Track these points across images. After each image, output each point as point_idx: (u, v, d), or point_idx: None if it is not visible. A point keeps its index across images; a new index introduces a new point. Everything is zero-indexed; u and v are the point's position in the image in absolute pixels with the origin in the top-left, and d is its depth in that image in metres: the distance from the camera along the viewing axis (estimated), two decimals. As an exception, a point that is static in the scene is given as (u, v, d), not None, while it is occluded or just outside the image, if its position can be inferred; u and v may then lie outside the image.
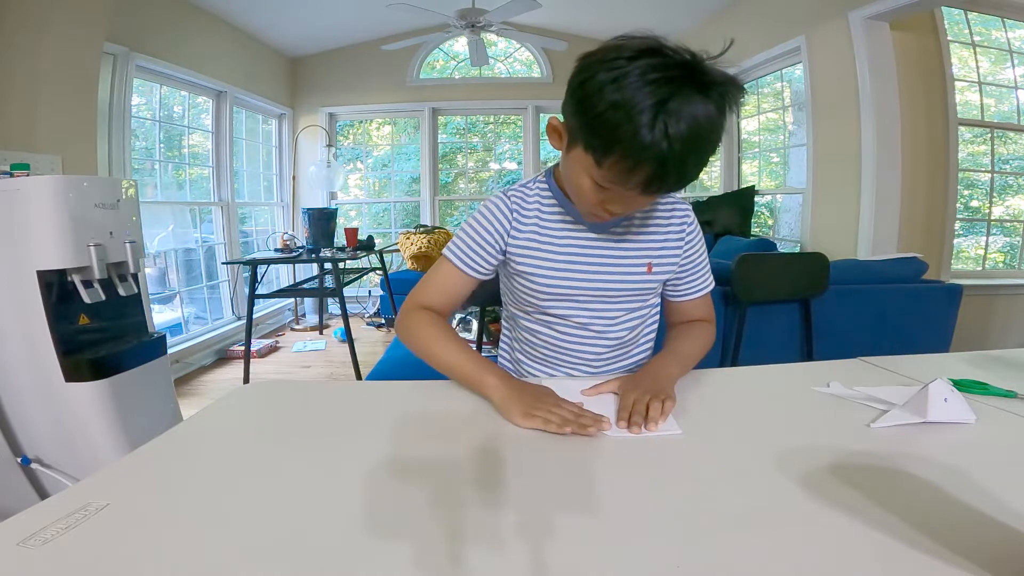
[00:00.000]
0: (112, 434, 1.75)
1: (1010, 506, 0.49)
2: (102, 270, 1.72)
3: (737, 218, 3.79)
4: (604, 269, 0.89)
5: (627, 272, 0.89)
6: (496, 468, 0.58)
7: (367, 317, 4.85)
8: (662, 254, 0.91)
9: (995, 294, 3.04)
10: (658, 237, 0.90)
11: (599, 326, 0.92)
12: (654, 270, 0.90)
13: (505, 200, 0.90)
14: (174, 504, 0.52)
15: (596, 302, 0.91)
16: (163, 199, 3.64)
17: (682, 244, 0.92)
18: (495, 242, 0.89)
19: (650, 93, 0.60)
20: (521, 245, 0.89)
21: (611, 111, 0.62)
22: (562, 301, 0.91)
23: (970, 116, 3.08)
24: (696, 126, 0.61)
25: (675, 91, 0.61)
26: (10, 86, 2.22)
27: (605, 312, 0.92)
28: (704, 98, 0.62)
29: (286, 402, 0.81)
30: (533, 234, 0.88)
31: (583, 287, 0.89)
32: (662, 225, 0.91)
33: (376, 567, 0.42)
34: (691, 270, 0.95)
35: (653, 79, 0.61)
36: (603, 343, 0.93)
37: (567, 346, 0.94)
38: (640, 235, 0.90)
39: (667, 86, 0.61)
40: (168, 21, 3.40)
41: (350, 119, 5.47)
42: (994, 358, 0.98)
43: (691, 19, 4.32)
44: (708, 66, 0.64)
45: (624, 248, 0.89)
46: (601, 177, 0.69)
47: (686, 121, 0.61)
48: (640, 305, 0.94)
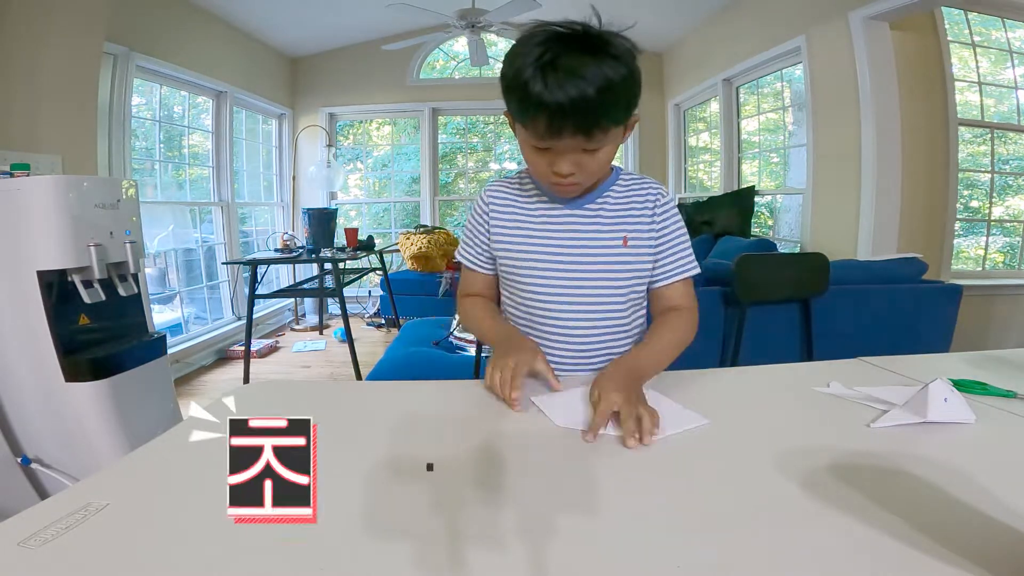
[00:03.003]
0: (112, 434, 1.75)
1: (1010, 506, 0.49)
2: (102, 270, 1.72)
3: (737, 218, 3.78)
4: (579, 240, 0.92)
5: (602, 244, 0.92)
6: (496, 468, 0.58)
7: (367, 317, 4.84)
8: (637, 229, 0.93)
9: (995, 294, 3.04)
10: (633, 213, 0.94)
11: (581, 305, 0.92)
12: (629, 243, 0.92)
13: (482, 195, 0.99)
14: (174, 504, 0.52)
15: (574, 276, 0.91)
16: (163, 199, 3.64)
17: (655, 221, 0.94)
18: (482, 235, 0.98)
19: (536, 56, 0.73)
20: (500, 227, 0.96)
21: (511, 78, 0.77)
22: (540, 273, 0.92)
23: (970, 116, 3.08)
24: (577, 74, 0.72)
25: (552, 48, 0.73)
26: (10, 86, 2.22)
27: (585, 288, 0.92)
28: (585, 53, 0.73)
29: (286, 402, 0.81)
30: (511, 214, 0.96)
31: (559, 257, 0.92)
32: (636, 203, 0.94)
33: (376, 567, 0.42)
34: (667, 250, 0.94)
35: (536, 42, 0.75)
36: (588, 325, 0.93)
37: (553, 329, 0.93)
38: (614, 210, 0.93)
39: (546, 45, 0.74)
40: (168, 21, 3.40)
41: (350, 119, 5.47)
42: (994, 358, 0.98)
43: (691, 19, 4.32)
44: (596, 31, 0.76)
45: (599, 222, 0.93)
46: (530, 136, 0.80)
47: (566, 71, 0.72)
48: (620, 286, 0.93)
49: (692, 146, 5.10)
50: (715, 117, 4.33)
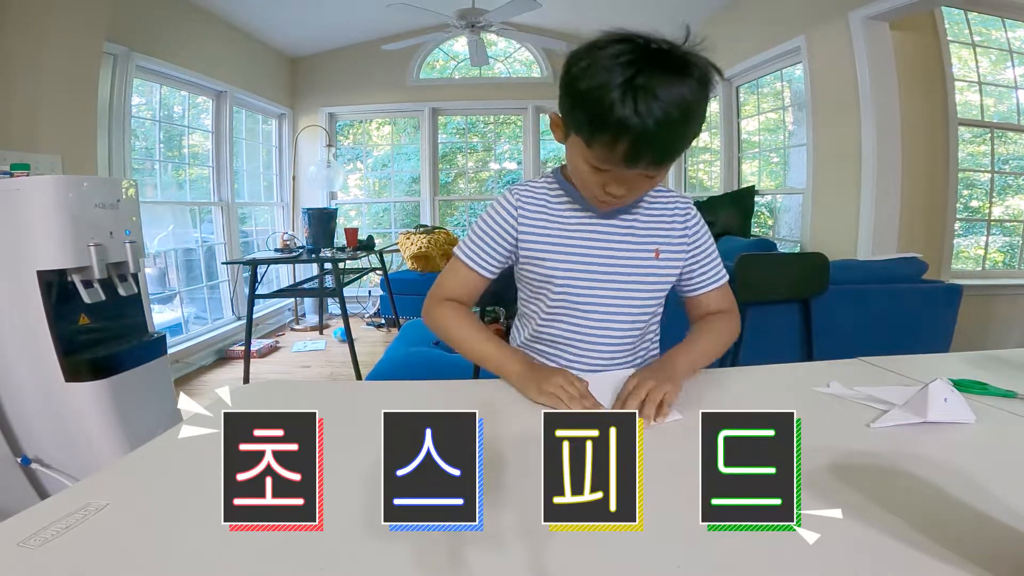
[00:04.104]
0: (112, 434, 1.75)
1: (1010, 506, 0.49)
2: (102, 270, 1.72)
3: (737, 218, 3.78)
4: (613, 251, 0.91)
5: (635, 256, 0.91)
6: (496, 468, 0.58)
7: (367, 317, 4.84)
8: (668, 242, 0.93)
9: (995, 294, 3.04)
10: (664, 226, 0.93)
11: (610, 316, 0.92)
12: (661, 256, 0.92)
13: (509, 196, 0.93)
14: (174, 504, 0.52)
15: (606, 287, 0.91)
16: (163, 199, 3.64)
17: (687, 235, 0.95)
18: (504, 238, 0.92)
19: (620, 73, 0.67)
20: (530, 232, 0.92)
21: (589, 93, 0.70)
22: (574, 284, 0.91)
23: (970, 116, 3.08)
24: (666, 100, 0.67)
25: (643, 69, 0.67)
26: (10, 86, 2.22)
27: (615, 300, 0.92)
28: (674, 75, 0.68)
29: (286, 402, 0.81)
30: (543, 221, 0.92)
31: (593, 267, 0.90)
32: (666, 216, 0.94)
33: (376, 567, 0.42)
34: (702, 262, 0.96)
35: (623, 61, 0.68)
36: (613, 336, 0.93)
37: (578, 339, 0.93)
38: (647, 223, 0.93)
39: (635, 65, 0.68)
40: (168, 21, 3.40)
41: (350, 119, 5.47)
42: (994, 358, 0.98)
43: (691, 19, 4.27)
44: (681, 49, 0.71)
45: (632, 233, 0.92)
46: (593, 157, 0.75)
47: (655, 96, 0.67)
48: (649, 298, 0.94)
49: (692, 146, 5.08)
50: (715, 117, 4.33)
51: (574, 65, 0.73)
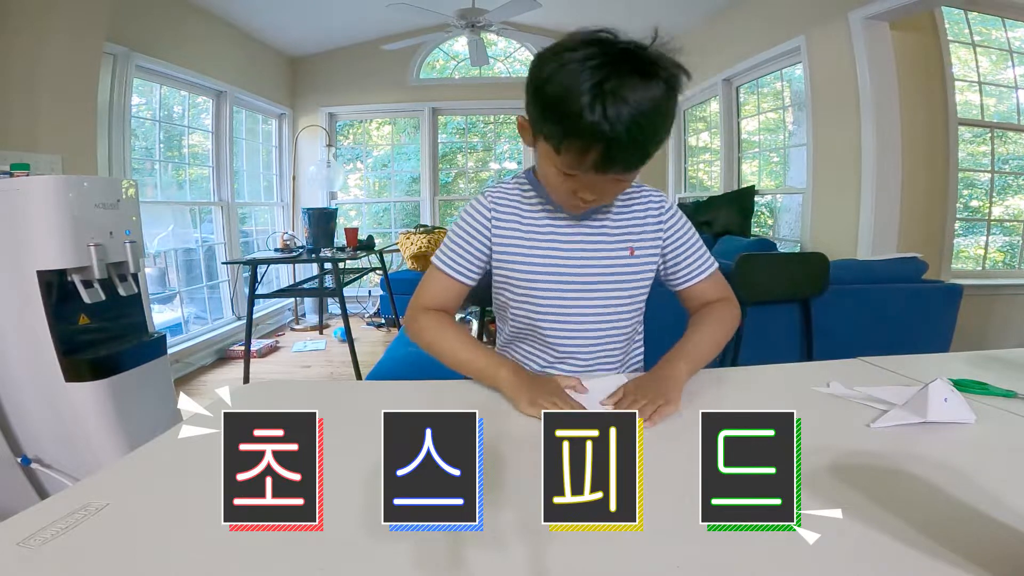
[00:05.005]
0: (112, 434, 1.75)
1: (1010, 506, 0.49)
2: (102, 270, 1.72)
3: (737, 218, 3.78)
4: (587, 253, 0.90)
5: (610, 256, 0.90)
6: (496, 468, 0.58)
7: (367, 317, 4.84)
8: (643, 238, 0.92)
9: (995, 294, 3.04)
10: (637, 223, 0.92)
11: (591, 319, 0.92)
12: (636, 253, 0.91)
13: (483, 199, 0.92)
14: (174, 504, 0.52)
15: (582, 289, 0.91)
16: (163, 199, 3.64)
17: (661, 230, 0.94)
18: (481, 242, 0.91)
19: (589, 77, 0.65)
20: (504, 236, 0.90)
21: (557, 98, 0.68)
22: (548, 288, 0.90)
23: (970, 116, 3.08)
24: (636, 105, 0.66)
25: (612, 73, 0.65)
26: (10, 86, 2.22)
27: (593, 300, 0.91)
28: (643, 79, 0.66)
29: (286, 402, 0.81)
30: (515, 225, 0.90)
31: (567, 271, 0.90)
32: (639, 213, 0.93)
33: (376, 567, 0.42)
34: (684, 253, 0.95)
35: (592, 65, 0.66)
36: (596, 336, 0.92)
37: (560, 339, 0.93)
38: (619, 221, 0.92)
39: (604, 69, 0.66)
40: (168, 21, 3.40)
41: (350, 119, 5.47)
42: (994, 358, 0.98)
43: (691, 19, 4.32)
44: (650, 51, 0.69)
45: (604, 233, 0.91)
46: (562, 163, 0.73)
47: (625, 101, 0.65)
48: (628, 296, 0.93)
49: (692, 146, 5.09)
50: (715, 117, 4.33)
51: (541, 69, 0.71)
